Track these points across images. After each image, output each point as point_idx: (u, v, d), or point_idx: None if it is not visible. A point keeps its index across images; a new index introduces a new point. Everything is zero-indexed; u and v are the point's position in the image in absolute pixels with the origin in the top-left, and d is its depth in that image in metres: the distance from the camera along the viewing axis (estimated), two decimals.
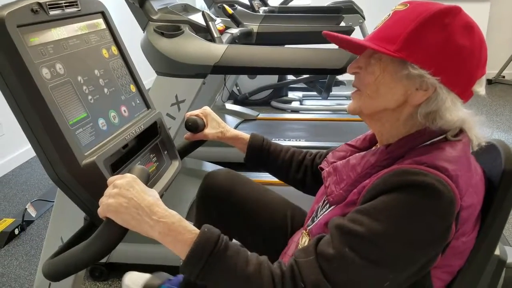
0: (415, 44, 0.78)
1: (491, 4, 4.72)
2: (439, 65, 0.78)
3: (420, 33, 0.78)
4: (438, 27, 0.78)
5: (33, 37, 0.83)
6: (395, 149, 0.83)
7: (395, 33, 0.80)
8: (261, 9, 3.22)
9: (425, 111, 0.80)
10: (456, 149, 0.79)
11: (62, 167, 0.83)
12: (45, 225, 2.47)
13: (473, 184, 0.79)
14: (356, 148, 1.01)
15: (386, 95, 0.83)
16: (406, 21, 0.80)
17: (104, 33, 1.05)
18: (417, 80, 0.79)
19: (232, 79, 3.63)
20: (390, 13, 0.84)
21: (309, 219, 1.00)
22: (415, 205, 0.72)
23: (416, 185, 0.72)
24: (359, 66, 0.87)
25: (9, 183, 3.04)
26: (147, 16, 1.85)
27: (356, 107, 0.89)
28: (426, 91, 0.79)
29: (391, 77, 0.81)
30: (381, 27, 0.84)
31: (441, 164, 0.74)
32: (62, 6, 0.92)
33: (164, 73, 1.84)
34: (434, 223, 0.72)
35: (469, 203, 0.77)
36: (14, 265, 2.16)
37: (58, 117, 0.81)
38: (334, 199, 0.87)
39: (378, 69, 0.83)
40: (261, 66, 1.75)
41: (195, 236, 0.76)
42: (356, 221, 0.74)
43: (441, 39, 0.78)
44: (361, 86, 0.87)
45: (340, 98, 4.61)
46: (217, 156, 2.84)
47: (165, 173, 1.09)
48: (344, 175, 0.87)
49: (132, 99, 1.07)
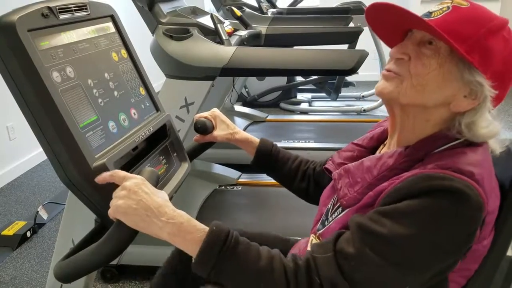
0: (485, 49, 0.75)
1: (501, 4, 4.67)
2: (501, 78, 0.76)
3: (490, 39, 0.75)
4: (503, 38, 0.76)
5: (44, 41, 0.84)
6: (415, 151, 0.80)
7: (465, 31, 0.75)
8: (269, 11, 3.22)
9: (468, 121, 0.77)
10: (477, 152, 0.77)
11: (73, 169, 0.83)
12: (57, 227, 2.49)
13: (495, 188, 0.78)
14: (363, 147, 0.99)
15: (432, 92, 0.78)
16: (476, 21, 0.76)
17: (114, 36, 1.06)
18: (472, 87, 0.76)
19: (241, 81, 3.63)
20: (449, 6, 0.79)
21: (317, 223, 0.98)
22: (443, 210, 0.70)
23: (444, 190, 0.70)
24: (405, 53, 0.80)
25: (21, 186, 3.08)
26: (156, 19, 1.86)
27: (392, 91, 0.81)
28: (474, 100, 0.77)
29: (445, 76, 0.77)
30: (442, 18, 0.77)
31: (466, 168, 0.72)
32: (72, 10, 0.93)
33: (173, 76, 1.85)
34: (461, 228, 0.70)
35: (493, 207, 0.75)
36: (26, 267, 2.18)
37: (69, 120, 0.82)
38: (347, 202, 0.84)
39: (435, 63, 0.77)
40: (269, 67, 1.75)
41: (204, 234, 0.76)
42: (378, 222, 0.72)
43: (504, 53, 0.76)
44: (405, 73, 0.80)
45: (349, 99, 4.59)
46: (226, 158, 2.85)
47: (174, 175, 1.09)
48: (358, 177, 0.84)
49: (141, 102, 1.07)
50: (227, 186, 2.57)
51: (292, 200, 1.28)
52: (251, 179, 2.63)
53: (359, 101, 4.50)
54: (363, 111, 4.08)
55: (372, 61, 3.17)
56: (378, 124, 1.04)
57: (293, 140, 3.18)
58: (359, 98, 4.57)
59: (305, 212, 1.29)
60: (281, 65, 1.73)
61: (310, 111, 4.30)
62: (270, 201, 2.40)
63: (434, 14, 0.79)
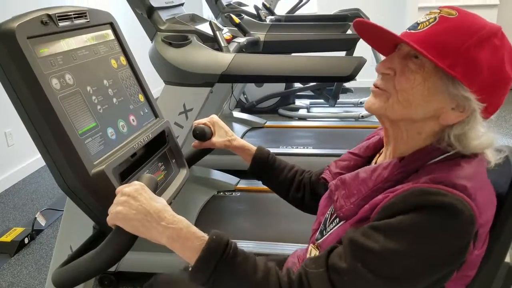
0: (470, 63, 0.73)
1: (498, 10, 4.70)
2: (488, 92, 0.74)
3: (476, 52, 0.73)
4: (491, 48, 0.74)
5: (43, 48, 0.85)
6: (409, 163, 0.80)
7: (450, 44, 0.74)
8: (267, 18, 3.24)
9: (457, 133, 0.77)
10: (471, 164, 0.77)
11: (72, 176, 0.84)
12: (55, 234, 2.49)
13: (490, 200, 0.77)
14: (359, 157, 0.99)
15: (419, 106, 0.78)
16: (462, 33, 0.74)
17: (113, 43, 1.07)
18: (458, 100, 0.75)
19: (239, 87, 3.64)
20: (436, 17, 0.77)
21: (316, 232, 0.98)
22: (435, 225, 0.70)
23: (436, 205, 0.69)
24: (391, 68, 0.80)
25: (19, 192, 3.07)
26: (155, 27, 1.87)
27: (379, 108, 0.82)
28: (462, 112, 0.76)
29: (430, 90, 0.76)
30: (429, 31, 0.76)
31: (459, 182, 0.72)
32: (71, 18, 0.93)
33: (172, 82, 1.85)
34: (453, 243, 0.70)
35: (486, 219, 0.75)
36: (24, 274, 2.17)
37: (68, 127, 0.82)
38: (344, 214, 0.84)
39: (420, 78, 0.77)
40: (268, 74, 1.76)
41: (203, 242, 0.76)
42: (371, 237, 0.72)
43: (493, 62, 0.74)
44: (391, 89, 0.80)
45: (347, 105, 4.61)
46: (225, 164, 2.85)
47: (173, 181, 1.09)
48: (354, 189, 0.84)
49: (140, 108, 1.08)
50: (225, 192, 2.57)
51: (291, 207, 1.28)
52: (250, 185, 2.63)
53: (357, 108, 4.51)
54: (361, 117, 4.09)
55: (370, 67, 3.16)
56: (375, 133, 1.04)
57: (291, 146, 3.18)
58: (357, 104, 4.58)
59: (304, 218, 1.29)
60: (280, 72, 1.74)
61: (309, 117, 4.31)
62: (269, 207, 2.40)
63: (421, 26, 0.78)
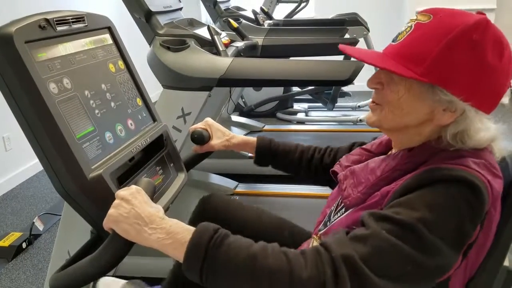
0: (444, 67, 0.74)
1: (496, 14, 4.72)
2: (470, 89, 0.75)
3: (449, 54, 0.74)
4: (467, 46, 0.73)
5: (41, 53, 0.84)
6: (418, 153, 0.81)
7: (421, 52, 0.75)
8: (265, 23, 3.24)
9: (453, 132, 0.78)
10: (480, 157, 0.78)
11: (69, 180, 0.83)
12: (53, 238, 2.48)
13: (499, 190, 0.77)
14: (371, 153, 0.99)
15: (410, 113, 0.80)
16: (432, 38, 0.75)
17: (111, 48, 1.07)
18: (445, 103, 0.76)
19: (237, 91, 3.64)
20: (412, 25, 0.79)
21: (320, 224, 0.98)
22: (453, 195, 0.71)
23: (453, 179, 0.71)
24: (380, 82, 0.83)
25: (16, 197, 3.06)
26: (154, 31, 1.87)
27: (375, 121, 0.86)
28: (454, 112, 0.77)
29: (416, 97, 0.78)
30: (404, 41, 0.79)
31: (473, 166, 0.74)
32: (69, 22, 0.93)
33: (170, 86, 1.85)
34: (467, 215, 0.71)
35: (499, 209, 0.77)
36: (21, 279, 2.16)
37: (65, 131, 0.82)
38: (351, 202, 0.85)
39: (403, 89, 0.79)
40: (266, 78, 1.76)
41: (191, 232, 0.74)
42: (391, 211, 0.72)
43: (471, 60, 0.74)
44: (383, 102, 0.83)
45: (345, 109, 4.61)
46: (223, 168, 2.84)
47: (171, 185, 1.09)
48: (363, 178, 0.86)
49: (138, 113, 1.08)
50: None
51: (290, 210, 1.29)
52: (248, 189, 2.63)
53: (355, 111, 4.52)
54: (359, 121, 4.09)
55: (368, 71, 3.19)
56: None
57: None
58: (355, 108, 4.59)
59: (303, 222, 1.29)
60: (278, 76, 1.74)
61: (307, 121, 4.31)
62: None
63: (400, 36, 0.80)
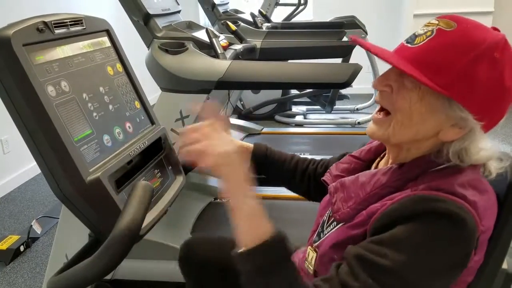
0: (466, 82, 0.72)
1: (493, 17, 4.73)
2: (486, 109, 0.73)
3: (473, 70, 0.71)
4: (488, 63, 0.71)
5: (39, 56, 0.84)
6: (409, 170, 0.79)
7: (445, 62, 0.72)
8: (264, 25, 3.25)
9: (456, 149, 0.76)
10: (467, 171, 0.76)
11: (67, 183, 0.83)
12: (51, 242, 2.47)
13: (490, 206, 0.77)
14: (360, 160, 0.99)
15: (418, 125, 0.77)
16: (458, 50, 0.72)
17: (109, 50, 1.07)
18: (456, 119, 0.74)
19: (236, 94, 3.64)
20: (434, 29, 0.75)
21: (314, 234, 0.98)
22: (439, 233, 0.69)
23: (438, 212, 0.69)
24: (389, 85, 0.79)
25: (14, 200, 3.05)
26: (152, 34, 1.87)
27: (382, 134, 0.81)
28: (462, 129, 0.75)
29: (427, 108, 0.75)
30: (424, 46, 0.75)
31: (459, 190, 0.71)
32: (67, 25, 0.93)
33: (168, 89, 1.85)
34: (456, 250, 0.70)
35: (487, 226, 0.75)
36: (19, 283, 2.15)
37: (63, 134, 0.82)
38: (341, 217, 0.84)
39: (416, 96, 0.75)
40: (264, 81, 1.76)
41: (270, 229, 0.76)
42: (377, 253, 0.71)
43: (490, 78, 0.72)
44: (391, 108, 0.80)
45: (343, 112, 4.62)
46: None
47: (169, 188, 1.09)
48: (352, 192, 0.84)
49: (136, 115, 1.08)
50: (222, 199, 2.56)
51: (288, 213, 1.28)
52: None
53: (353, 114, 4.53)
54: (358, 124, 4.10)
55: (366, 74, 3.20)
56: None
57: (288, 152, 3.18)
58: (354, 110, 4.60)
59: (301, 225, 1.29)
60: (276, 79, 1.74)
61: (305, 124, 4.31)
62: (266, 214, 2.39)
63: (418, 39, 0.76)
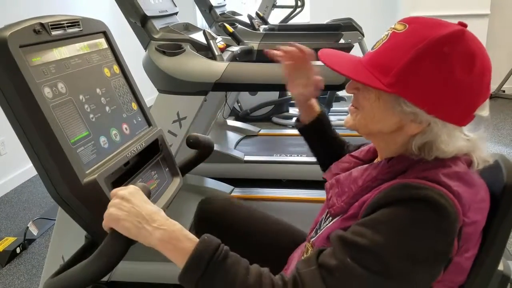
0: (409, 78, 0.75)
1: (489, 19, 4.76)
2: (434, 102, 0.76)
3: (416, 66, 0.74)
4: (436, 58, 0.74)
5: (35, 57, 0.84)
6: (397, 163, 0.83)
7: (390, 62, 0.77)
8: (261, 27, 3.25)
9: (420, 143, 0.79)
10: (458, 164, 0.79)
11: (64, 185, 0.83)
12: (47, 243, 2.46)
13: (478, 200, 0.78)
14: (359, 160, 1.01)
15: (381, 121, 0.83)
16: (402, 49, 0.76)
17: (106, 52, 1.07)
18: (410, 114, 0.78)
19: (233, 95, 3.65)
20: (389, 33, 0.80)
21: (312, 231, 1.00)
22: (418, 219, 0.71)
23: (417, 198, 0.72)
24: (356, 87, 0.85)
25: (11, 201, 3.04)
26: (149, 35, 1.87)
27: (352, 125, 0.89)
28: (420, 124, 0.78)
29: (385, 106, 0.80)
30: (378, 50, 0.81)
31: (443, 179, 0.74)
32: (64, 27, 0.93)
33: (165, 91, 1.85)
34: (436, 237, 0.71)
35: (473, 219, 0.76)
36: (15, 284, 2.14)
37: (60, 136, 0.82)
38: (335, 211, 0.87)
39: (374, 96, 0.81)
40: (261, 82, 1.76)
41: (194, 244, 0.76)
42: (357, 233, 0.74)
43: (438, 73, 0.74)
44: (358, 106, 0.86)
45: (340, 114, 4.62)
46: (218, 172, 2.84)
47: (166, 190, 1.09)
48: (346, 187, 0.87)
49: (133, 117, 1.08)
50: None
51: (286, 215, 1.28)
52: (244, 193, 2.62)
53: None
54: None
55: None
56: None
57: (285, 154, 3.18)
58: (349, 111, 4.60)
59: (298, 226, 1.29)
60: (273, 80, 1.74)
61: None
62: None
63: (377, 44, 0.82)
